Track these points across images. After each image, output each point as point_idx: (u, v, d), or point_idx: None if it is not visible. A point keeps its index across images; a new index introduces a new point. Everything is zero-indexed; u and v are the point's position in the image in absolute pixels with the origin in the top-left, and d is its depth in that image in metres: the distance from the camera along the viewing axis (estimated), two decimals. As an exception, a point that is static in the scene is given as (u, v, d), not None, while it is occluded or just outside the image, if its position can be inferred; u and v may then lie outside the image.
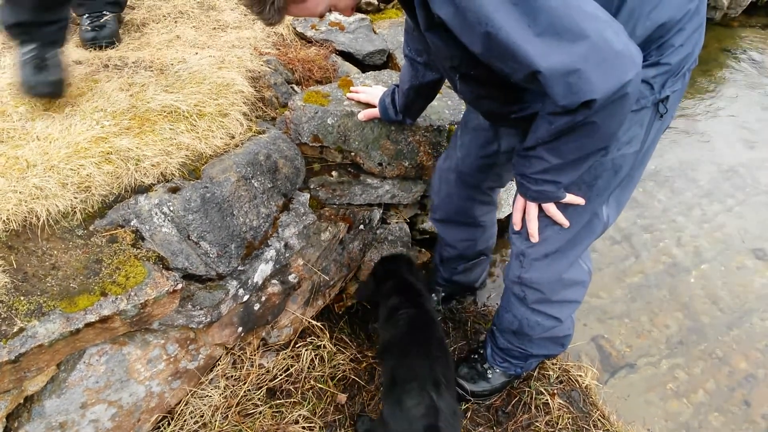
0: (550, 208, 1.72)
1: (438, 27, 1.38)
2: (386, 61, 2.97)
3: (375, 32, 3.07)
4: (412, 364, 1.94)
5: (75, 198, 1.74)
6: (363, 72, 2.74)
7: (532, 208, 1.74)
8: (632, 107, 1.43)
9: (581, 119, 1.36)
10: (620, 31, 1.31)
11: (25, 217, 1.66)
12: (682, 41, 1.52)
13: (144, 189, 1.85)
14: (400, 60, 2.89)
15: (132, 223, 1.78)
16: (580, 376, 2.47)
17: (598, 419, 2.31)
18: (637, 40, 1.49)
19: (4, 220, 1.63)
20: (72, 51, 2.37)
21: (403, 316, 2.12)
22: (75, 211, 1.73)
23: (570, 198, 1.69)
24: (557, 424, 2.26)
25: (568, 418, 2.29)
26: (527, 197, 1.71)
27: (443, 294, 2.73)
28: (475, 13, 1.26)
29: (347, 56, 2.89)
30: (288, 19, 2.90)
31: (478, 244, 2.47)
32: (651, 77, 1.55)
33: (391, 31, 3.09)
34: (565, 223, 1.75)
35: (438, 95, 2.27)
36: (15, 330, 1.48)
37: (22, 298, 1.53)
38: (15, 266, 1.59)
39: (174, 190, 1.86)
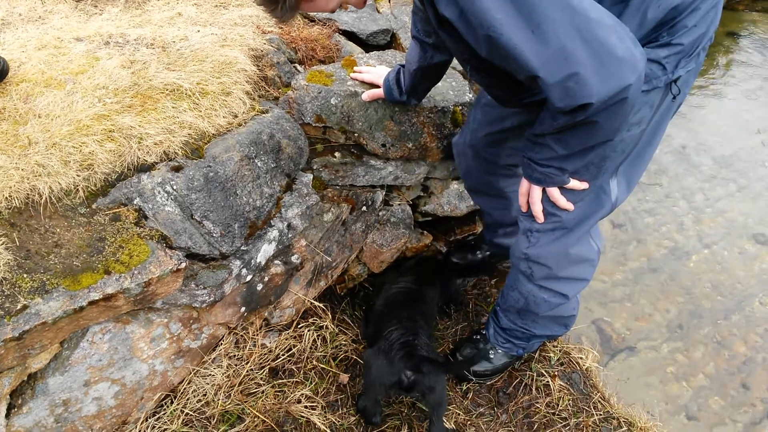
0: (554, 193, 1.72)
1: (446, 25, 1.40)
2: (390, 41, 2.94)
3: (379, 11, 3.04)
4: (393, 316, 2.17)
5: (77, 176, 1.73)
6: (366, 52, 2.71)
7: (536, 191, 1.75)
8: (633, 108, 1.44)
9: (581, 119, 1.39)
10: (625, 35, 1.32)
11: (28, 194, 1.65)
12: (695, 21, 1.51)
13: (147, 167, 1.83)
14: (404, 40, 2.85)
15: (135, 202, 1.77)
16: (581, 358, 2.48)
17: (599, 401, 2.33)
18: (649, 24, 1.49)
19: (6, 197, 1.62)
20: (71, 27, 2.34)
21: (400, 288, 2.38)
22: (77, 189, 1.72)
23: (573, 184, 1.70)
24: (558, 405, 2.28)
25: (569, 400, 2.30)
26: (532, 180, 1.72)
27: (488, 253, 2.77)
28: (477, 17, 1.29)
29: (350, 36, 2.86)
30: None
31: (512, 210, 2.45)
32: (663, 57, 1.54)
33: (394, 10, 3.05)
34: (569, 207, 1.75)
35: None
36: (18, 307, 1.47)
37: (25, 275, 1.53)
38: (18, 243, 1.58)
39: (177, 169, 1.85)
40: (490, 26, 1.28)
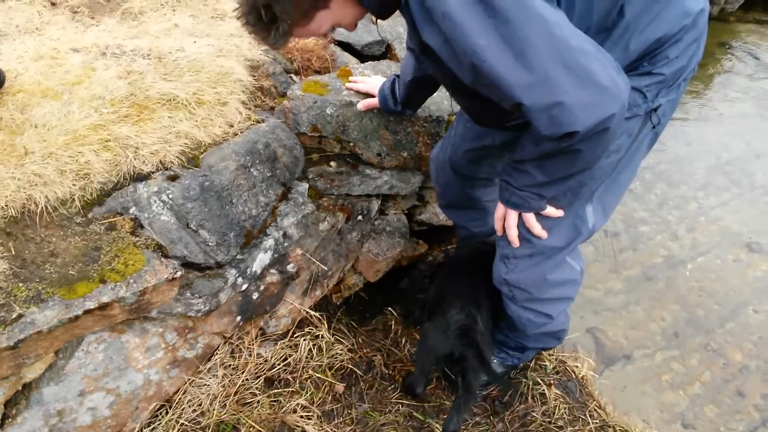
0: (530, 219, 1.72)
1: (430, 52, 1.41)
2: (385, 52, 2.97)
3: (374, 23, 3.06)
4: (459, 284, 2.17)
5: (73, 185, 1.74)
6: (362, 62, 2.73)
7: (512, 216, 1.74)
8: (616, 136, 1.45)
9: (565, 146, 1.39)
10: (608, 63, 1.32)
11: (24, 203, 1.66)
12: (677, 53, 1.52)
13: (143, 177, 1.84)
14: (399, 51, 2.88)
15: (131, 211, 1.78)
16: (577, 367, 2.48)
17: (594, 409, 2.32)
18: (631, 55, 1.50)
19: (2, 207, 1.62)
20: (68, 38, 2.35)
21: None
22: (74, 199, 1.73)
23: (550, 211, 1.70)
24: (554, 413, 2.27)
25: (565, 408, 2.30)
26: (509, 204, 1.71)
27: None
28: (460, 44, 1.29)
29: (346, 46, 2.88)
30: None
31: (488, 221, 2.44)
32: (644, 86, 1.55)
33: (389, 21, 3.08)
34: (542, 234, 1.75)
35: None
36: (14, 316, 1.47)
37: (20, 284, 1.53)
38: (14, 253, 1.58)
39: (173, 178, 1.86)
40: (474, 53, 1.28)
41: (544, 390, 2.34)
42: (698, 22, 1.51)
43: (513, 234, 1.78)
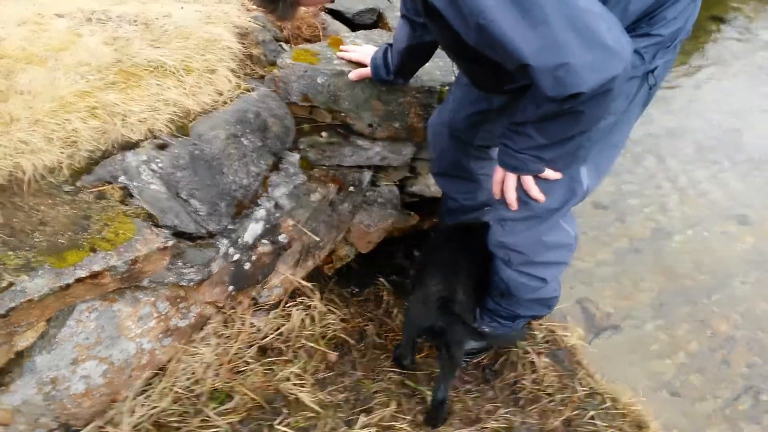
0: (528, 181, 1.73)
1: (433, 13, 1.39)
2: (376, 21, 2.92)
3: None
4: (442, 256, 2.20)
5: (61, 153, 1.71)
6: (353, 31, 2.69)
7: (511, 179, 1.75)
8: (615, 98, 1.45)
9: (568, 107, 1.40)
10: (613, 25, 1.32)
11: (11, 171, 1.63)
12: (675, 14, 1.52)
13: (131, 145, 1.82)
14: (391, 20, 2.84)
15: (120, 180, 1.76)
16: (566, 336, 2.52)
17: (583, 377, 2.37)
18: (630, 16, 1.50)
19: (-11, 174, 1.60)
20: (52, 3, 2.29)
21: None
22: (62, 167, 1.70)
23: (548, 173, 1.70)
24: (543, 381, 2.31)
25: (554, 377, 2.34)
26: (507, 167, 1.72)
27: None
28: (468, 4, 1.28)
29: (336, 14, 2.83)
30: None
31: (478, 195, 2.45)
32: (642, 48, 1.55)
33: (381, -10, 3.03)
34: (540, 197, 1.76)
35: (429, 55, 2.24)
36: (4, 284, 1.46)
37: (10, 252, 1.52)
38: (2, 221, 1.56)
39: (162, 147, 1.83)
40: (480, 13, 1.27)
41: (533, 358, 2.38)
42: None
43: (511, 197, 1.79)
